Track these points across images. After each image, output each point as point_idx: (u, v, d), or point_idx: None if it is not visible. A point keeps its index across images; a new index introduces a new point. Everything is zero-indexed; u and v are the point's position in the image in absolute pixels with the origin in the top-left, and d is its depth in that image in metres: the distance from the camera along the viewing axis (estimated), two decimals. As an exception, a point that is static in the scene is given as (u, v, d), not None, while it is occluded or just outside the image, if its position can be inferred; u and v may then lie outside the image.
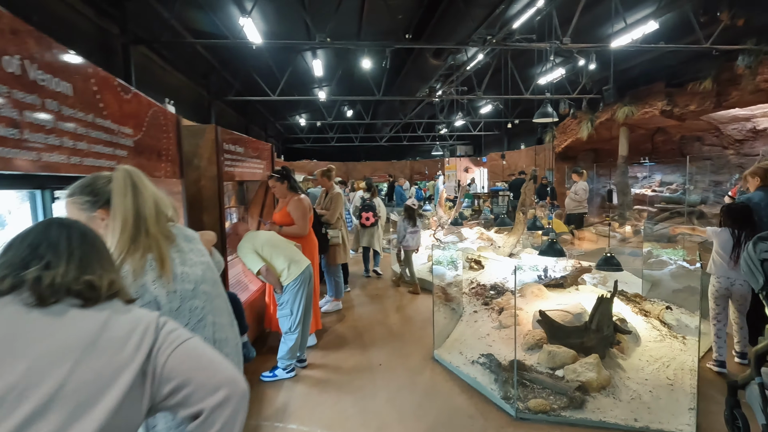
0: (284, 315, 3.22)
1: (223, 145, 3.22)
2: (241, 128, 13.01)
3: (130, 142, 1.88)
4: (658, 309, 4.00)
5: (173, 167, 2.49)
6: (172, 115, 2.49)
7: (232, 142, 3.45)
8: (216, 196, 3.13)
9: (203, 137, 3.08)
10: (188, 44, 7.16)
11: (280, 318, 3.24)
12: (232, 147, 3.43)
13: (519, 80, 9.93)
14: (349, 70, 10.45)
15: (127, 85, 1.84)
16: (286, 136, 21.12)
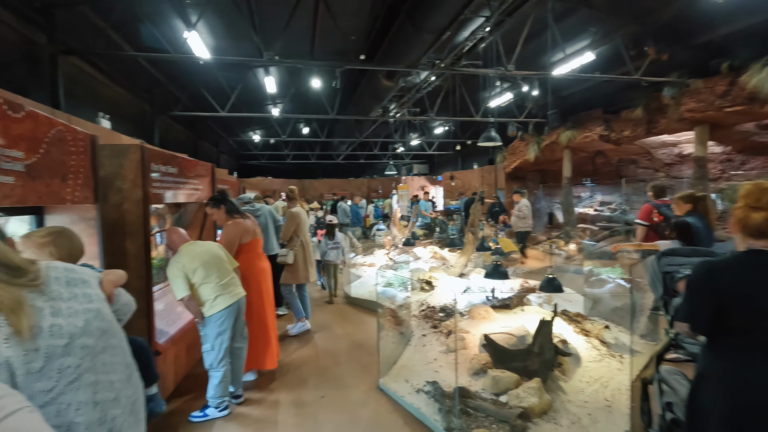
0: (206, 350, 2.98)
1: (150, 166, 2.99)
2: (190, 144, 12.50)
3: (20, 166, 1.66)
4: (597, 328, 4.11)
5: (85, 191, 2.26)
6: (85, 134, 2.27)
7: (162, 161, 3.23)
8: (141, 220, 2.89)
9: (127, 157, 2.85)
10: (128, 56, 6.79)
11: (203, 353, 3.00)
12: (162, 167, 3.20)
13: (470, 103, 10.26)
14: (303, 88, 10.37)
15: (17, 103, 1.64)
16: (239, 153, 20.57)
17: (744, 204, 1.61)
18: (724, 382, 1.59)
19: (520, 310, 4.77)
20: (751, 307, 1.54)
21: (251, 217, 3.82)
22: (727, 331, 1.61)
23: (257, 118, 13.54)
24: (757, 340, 1.54)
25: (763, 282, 1.55)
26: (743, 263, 1.60)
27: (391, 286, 6.07)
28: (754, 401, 1.51)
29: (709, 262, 1.68)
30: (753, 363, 1.54)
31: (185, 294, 2.86)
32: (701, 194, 3.99)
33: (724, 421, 1.56)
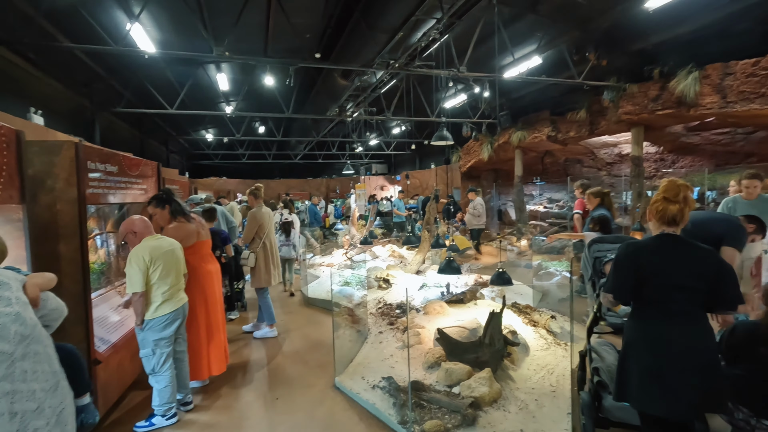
0: (145, 355, 2.86)
1: (86, 164, 2.82)
2: (136, 143, 11.84)
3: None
4: (544, 318, 4.32)
5: (9, 191, 2.10)
6: (8, 129, 2.11)
7: (100, 159, 3.05)
8: (76, 222, 2.71)
9: (59, 154, 2.67)
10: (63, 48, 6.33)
11: (143, 358, 2.87)
12: (100, 166, 3.03)
13: (425, 103, 10.44)
14: (258, 85, 10.12)
15: None
16: (191, 152, 19.74)
17: (662, 197, 1.95)
18: (646, 345, 1.92)
19: (474, 304, 4.93)
20: (664, 281, 1.89)
21: (198, 218, 3.65)
22: (646, 302, 1.95)
23: (209, 116, 13.06)
24: (668, 309, 1.89)
25: (672, 260, 1.90)
26: (658, 245, 1.94)
27: (348, 285, 6.07)
28: (668, 358, 1.86)
29: (633, 243, 2.02)
30: (668, 329, 1.88)
31: (141, 289, 2.74)
32: (606, 190, 4.73)
33: (647, 376, 1.89)
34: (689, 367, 1.83)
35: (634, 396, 1.95)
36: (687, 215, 1.93)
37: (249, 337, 4.76)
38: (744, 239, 2.93)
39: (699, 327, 1.88)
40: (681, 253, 1.90)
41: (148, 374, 2.91)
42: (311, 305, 6.04)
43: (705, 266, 1.86)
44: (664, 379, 1.85)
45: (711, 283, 1.84)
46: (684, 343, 1.85)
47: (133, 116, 10.57)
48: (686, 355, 1.84)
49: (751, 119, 6.71)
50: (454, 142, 9.19)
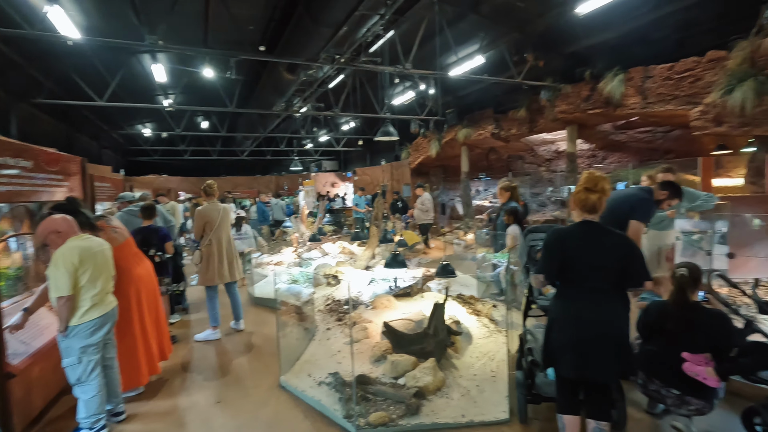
0: (71, 363, 2.64)
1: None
2: (62, 138, 10.86)
3: None
4: (487, 308, 4.50)
5: None
6: None
7: (11, 153, 2.77)
8: (-20, 222, 2.45)
9: (-42, 148, 2.39)
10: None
11: (66, 368, 2.65)
12: (10, 160, 2.75)
13: (374, 100, 10.46)
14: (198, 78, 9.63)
15: None
16: (127, 148, 18.46)
17: (583, 188, 2.18)
18: (568, 321, 2.18)
19: (421, 297, 5.03)
20: (583, 262, 2.14)
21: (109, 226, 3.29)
22: (568, 281, 2.20)
23: (145, 109, 12.27)
24: (587, 288, 2.15)
25: (591, 244, 2.14)
26: (579, 231, 2.19)
27: (296, 282, 5.97)
28: (588, 332, 2.11)
29: (559, 229, 2.30)
30: (586, 304, 2.14)
31: (68, 293, 2.53)
32: (514, 184, 5.18)
33: (569, 350, 2.15)
34: (602, 337, 2.09)
35: (556, 362, 2.23)
36: (604, 203, 2.19)
37: (188, 339, 4.55)
38: (648, 211, 3.16)
39: (612, 303, 2.14)
40: (598, 238, 2.15)
41: (73, 385, 2.69)
42: (258, 305, 5.88)
43: (617, 249, 2.12)
44: (580, 347, 2.11)
45: (621, 262, 2.10)
46: (598, 317, 2.11)
47: (58, 108, 9.68)
48: (599, 327, 2.10)
49: (668, 119, 7.36)
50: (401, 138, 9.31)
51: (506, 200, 5.09)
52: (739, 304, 4.16)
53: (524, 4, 7.00)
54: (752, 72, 5.33)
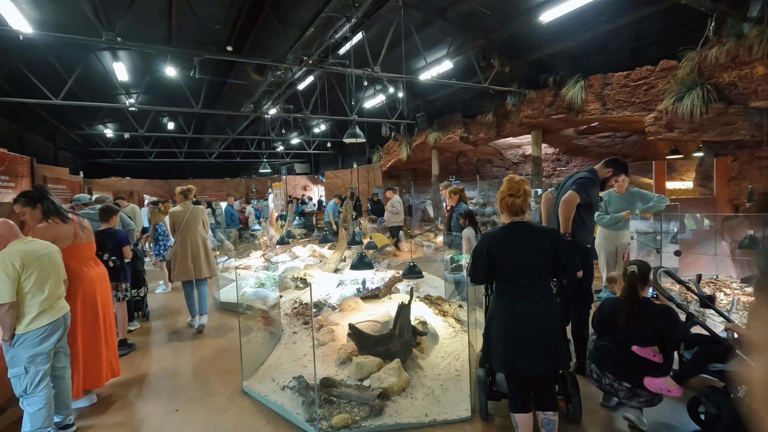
0: (16, 374, 2.50)
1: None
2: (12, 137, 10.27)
3: None
4: (453, 308, 4.56)
5: None
6: None
7: (-54, 152, 2.59)
8: None
9: None
10: None
11: (11, 378, 2.51)
12: (-54, 159, 2.57)
13: (345, 103, 10.44)
14: (163, 78, 9.35)
15: None
16: (86, 150, 17.66)
17: (508, 194, 2.34)
18: (501, 317, 2.26)
19: (388, 299, 5.04)
20: (512, 262, 2.22)
21: (77, 219, 3.25)
22: (501, 280, 2.28)
23: (106, 109, 11.79)
24: (518, 286, 2.22)
25: (518, 243, 2.24)
26: (506, 232, 2.29)
27: (263, 286, 5.86)
28: (519, 328, 2.19)
29: (486, 233, 2.38)
30: (517, 302, 2.22)
31: (9, 300, 2.40)
32: (461, 187, 5.38)
33: (503, 344, 2.22)
34: (535, 333, 2.17)
35: (494, 359, 2.30)
36: (528, 203, 2.35)
37: (147, 346, 4.39)
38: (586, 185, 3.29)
39: (543, 299, 2.22)
40: (525, 237, 2.25)
41: (19, 396, 2.54)
42: (224, 310, 5.74)
43: (544, 244, 2.22)
44: (515, 344, 2.19)
45: (549, 258, 2.21)
46: (530, 313, 2.19)
47: (8, 106, 9.16)
48: (532, 323, 2.17)
49: (625, 124, 7.70)
50: (372, 141, 9.34)
51: (456, 203, 5.31)
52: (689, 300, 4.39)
53: (490, 11, 7.18)
54: (700, 81, 5.66)
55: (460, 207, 5.31)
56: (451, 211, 5.56)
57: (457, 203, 5.42)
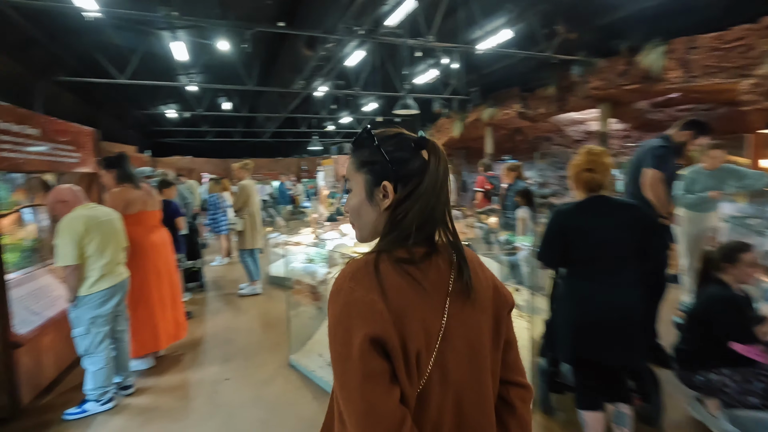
0: (78, 334, 2.62)
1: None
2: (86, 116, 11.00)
3: None
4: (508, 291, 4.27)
5: None
6: None
7: (14, 119, 2.69)
8: (-19, 189, 2.38)
9: (-45, 110, 2.32)
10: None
11: (75, 338, 2.63)
12: (13, 126, 2.67)
13: (396, 79, 10.14)
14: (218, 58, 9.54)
15: None
16: (152, 129, 18.72)
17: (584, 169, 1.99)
18: (572, 302, 2.00)
19: (438, 279, 4.84)
20: (590, 241, 1.93)
21: (147, 188, 3.44)
22: (575, 262, 2.00)
23: (168, 89, 12.30)
24: (595, 269, 1.94)
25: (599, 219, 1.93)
26: (585, 207, 1.98)
27: (312, 262, 5.87)
28: (593, 315, 1.91)
29: (559, 209, 2.08)
30: (592, 286, 1.94)
31: (74, 262, 2.50)
32: (518, 163, 5.15)
33: (573, 332, 1.96)
34: (612, 321, 1.90)
35: (561, 348, 2.08)
36: (609, 180, 1.99)
37: (203, 315, 4.53)
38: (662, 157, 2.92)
39: (624, 284, 1.93)
40: (607, 212, 1.94)
41: (81, 355, 2.67)
42: (274, 284, 5.83)
43: (630, 220, 1.91)
44: (588, 332, 1.93)
45: (637, 234, 1.90)
46: (608, 299, 1.91)
47: (82, 87, 9.79)
48: (610, 310, 1.90)
49: (713, 94, 6.79)
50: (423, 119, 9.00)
51: (512, 180, 5.03)
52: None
53: (556, -30, 6.52)
54: (814, 39, 4.79)
55: (517, 185, 5.01)
56: (507, 189, 5.26)
57: (514, 181, 5.11)
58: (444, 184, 0.80)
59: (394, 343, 0.68)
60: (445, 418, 0.74)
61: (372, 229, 0.84)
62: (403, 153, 0.81)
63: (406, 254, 0.76)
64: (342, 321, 0.71)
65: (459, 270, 0.79)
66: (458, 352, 0.75)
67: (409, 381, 0.70)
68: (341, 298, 0.72)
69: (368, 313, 0.69)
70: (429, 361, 0.72)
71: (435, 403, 0.73)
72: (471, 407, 0.77)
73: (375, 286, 0.71)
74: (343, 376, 0.69)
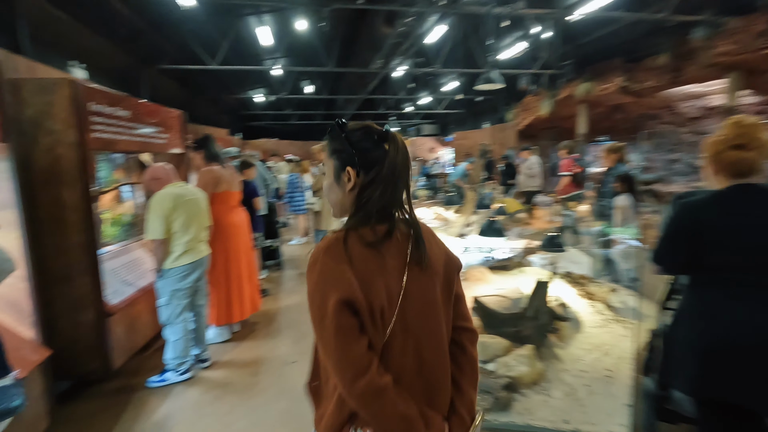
0: (161, 304, 2.80)
1: (88, 105, 2.61)
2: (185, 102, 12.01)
3: None
4: (603, 291, 3.74)
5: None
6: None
7: (108, 102, 2.84)
8: (77, 167, 2.54)
9: (56, 93, 2.47)
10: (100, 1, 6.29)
11: (158, 307, 2.82)
12: (107, 108, 2.82)
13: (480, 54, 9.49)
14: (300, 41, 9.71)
15: None
16: (242, 113, 19.99)
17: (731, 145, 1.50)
18: (699, 319, 1.56)
19: (520, 272, 4.41)
20: (735, 244, 1.46)
21: (232, 169, 3.66)
22: (706, 269, 1.54)
23: (255, 74, 12.93)
24: (736, 279, 1.48)
25: (748, 215, 1.46)
26: (727, 199, 1.50)
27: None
28: (729, 338, 1.46)
29: (690, 202, 1.60)
30: (730, 301, 1.49)
31: (161, 236, 2.66)
32: (621, 144, 4.61)
33: (698, 357, 1.52)
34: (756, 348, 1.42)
35: (678, 375, 1.64)
36: (763, 160, 1.46)
37: (278, 293, 4.64)
38: None
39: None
40: (758, 206, 1.46)
41: (162, 324, 2.84)
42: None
43: None
44: (719, 359, 1.47)
45: None
46: (753, 320, 1.43)
47: (181, 74, 10.63)
48: (753, 333, 1.43)
49: None
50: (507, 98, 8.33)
51: (613, 163, 4.51)
52: None
53: None
54: None
55: (618, 169, 4.39)
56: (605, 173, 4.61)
57: (614, 164, 4.48)
58: (403, 172, 0.93)
59: (361, 303, 0.83)
60: (407, 359, 0.91)
61: (340, 207, 0.98)
62: (367, 143, 0.93)
63: (370, 231, 0.90)
64: (318, 287, 0.86)
65: (416, 242, 0.94)
66: (416, 307, 0.92)
67: (375, 332, 0.86)
68: (317, 269, 0.87)
69: (339, 279, 0.84)
70: (392, 316, 0.88)
71: (398, 348, 0.89)
72: (429, 350, 0.93)
73: (344, 258, 0.85)
74: (321, 331, 0.85)
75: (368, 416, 0.86)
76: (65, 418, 2.41)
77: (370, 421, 0.86)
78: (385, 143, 0.93)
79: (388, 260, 0.89)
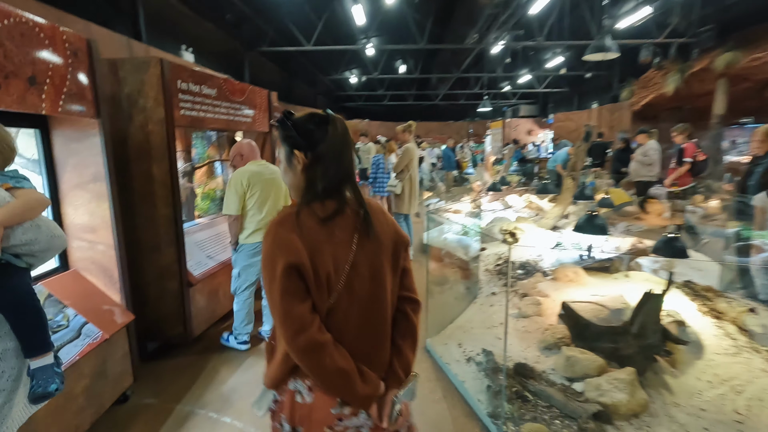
0: (234, 274, 2.91)
1: (175, 83, 2.70)
2: (284, 83, 12.61)
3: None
4: (737, 310, 3.01)
5: (77, 103, 2.01)
6: (77, 37, 1.99)
7: (194, 80, 2.93)
8: (165, 143, 2.65)
9: (147, 72, 2.58)
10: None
11: (232, 277, 2.93)
12: (193, 86, 2.91)
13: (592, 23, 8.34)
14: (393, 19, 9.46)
15: None
16: (337, 94, 20.53)
17: None
18: None
19: (624, 276, 3.78)
20: None
21: None
22: None
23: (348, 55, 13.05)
24: None
25: None
26: None
27: (466, 234, 5.40)
28: None
29: None
30: None
31: (235, 213, 2.74)
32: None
33: None
34: None
35: None
36: None
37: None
38: None
39: None
40: None
41: (232, 293, 2.97)
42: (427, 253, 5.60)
43: None
44: None
45: None
46: None
47: (280, 57, 11.11)
48: None
49: None
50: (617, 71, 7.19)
51: (766, 152, 3.55)
52: None
53: None
54: None
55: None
56: (753, 163, 3.70)
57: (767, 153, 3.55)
58: (344, 150, 1.02)
59: (307, 268, 0.92)
60: (351, 321, 1.00)
61: (296, 188, 1.05)
62: (309, 126, 1.02)
63: (320, 206, 0.99)
64: (270, 253, 0.94)
65: (364, 217, 1.03)
66: (363, 275, 1.01)
67: (320, 295, 0.95)
68: (270, 237, 0.96)
69: (288, 247, 0.92)
70: (339, 282, 0.98)
71: (342, 311, 0.99)
72: (372, 313, 1.04)
73: (294, 228, 0.95)
74: (271, 292, 0.94)
75: (307, 369, 0.95)
76: (146, 376, 2.60)
77: (309, 373, 0.95)
78: (327, 126, 1.00)
79: (337, 232, 0.98)
